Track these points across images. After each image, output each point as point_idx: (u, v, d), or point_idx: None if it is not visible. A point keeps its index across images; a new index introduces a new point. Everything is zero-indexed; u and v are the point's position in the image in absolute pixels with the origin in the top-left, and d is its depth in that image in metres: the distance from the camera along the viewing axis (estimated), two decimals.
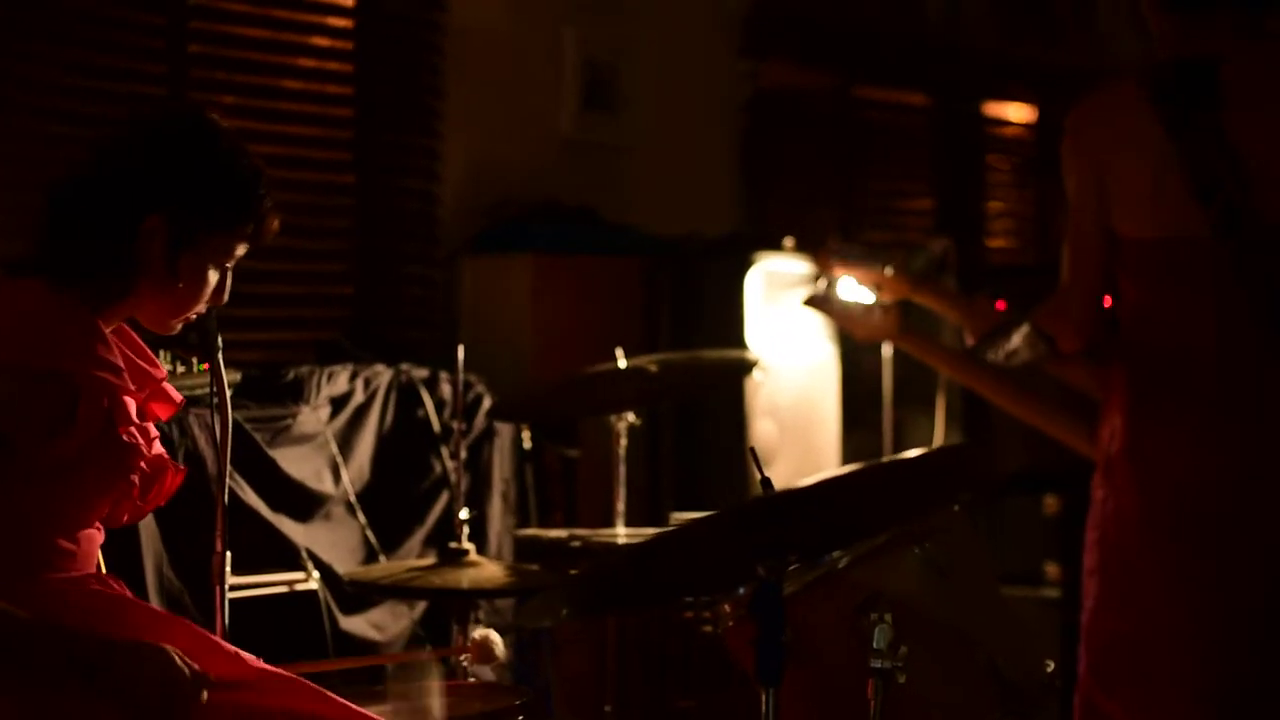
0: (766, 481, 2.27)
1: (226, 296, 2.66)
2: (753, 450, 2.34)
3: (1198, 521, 3.28)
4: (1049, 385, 3.82)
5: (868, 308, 4.22)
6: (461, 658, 3.20)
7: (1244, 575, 3.26)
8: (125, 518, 2.65)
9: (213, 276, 2.61)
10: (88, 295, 2.53)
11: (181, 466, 2.68)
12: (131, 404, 2.54)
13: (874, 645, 2.56)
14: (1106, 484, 3.41)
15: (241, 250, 2.64)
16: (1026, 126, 8.25)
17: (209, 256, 2.59)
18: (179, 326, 2.66)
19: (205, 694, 2.37)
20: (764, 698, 2.31)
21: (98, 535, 2.61)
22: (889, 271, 4.22)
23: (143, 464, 2.56)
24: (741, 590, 2.82)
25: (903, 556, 2.84)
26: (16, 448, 2.41)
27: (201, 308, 2.64)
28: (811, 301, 4.38)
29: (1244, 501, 3.27)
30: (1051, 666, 2.98)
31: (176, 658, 2.35)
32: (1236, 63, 3.33)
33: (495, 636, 3.09)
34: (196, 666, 2.37)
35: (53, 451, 2.43)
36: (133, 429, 2.54)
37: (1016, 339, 3.52)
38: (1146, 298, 3.38)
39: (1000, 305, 5.36)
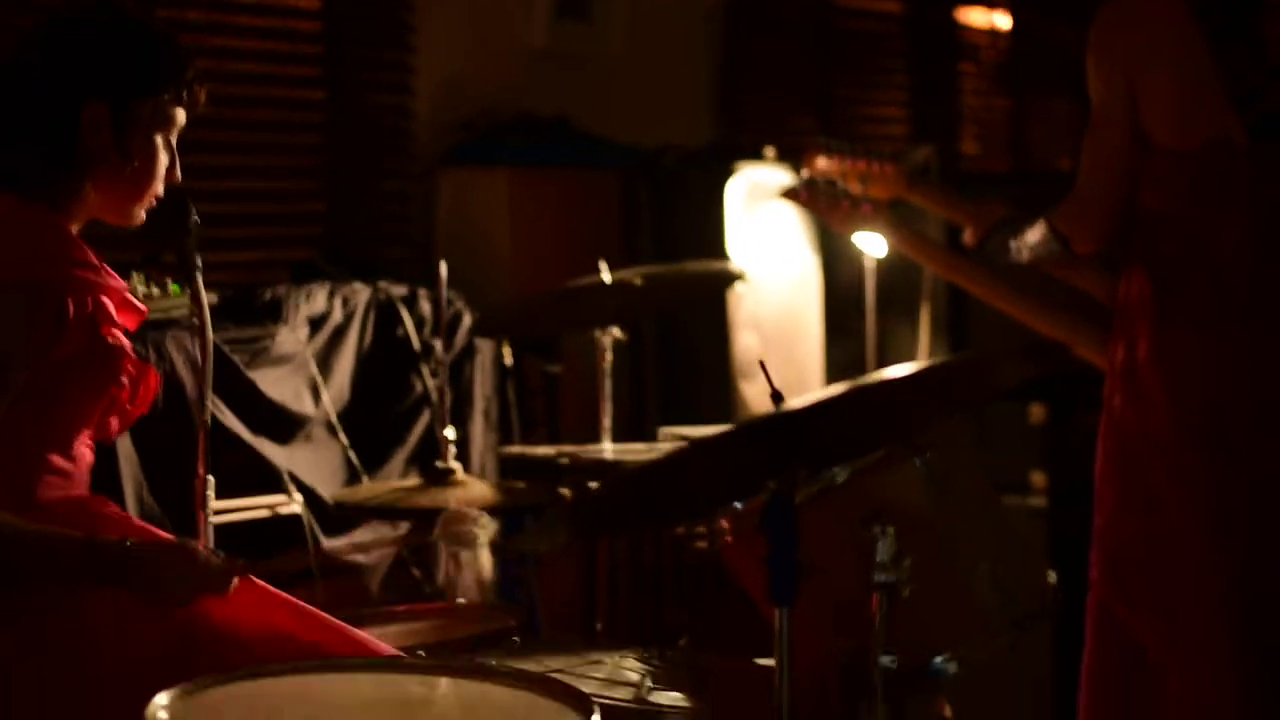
0: (778, 395, 2.21)
1: (179, 175, 2.65)
2: (762, 363, 2.28)
3: (1226, 436, 3.23)
4: (1043, 286, 3.75)
5: (854, 198, 4.02)
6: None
7: (1272, 489, 3.22)
8: (114, 427, 2.60)
9: (162, 151, 2.61)
10: (50, 200, 2.53)
11: (151, 367, 2.64)
12: (110, 305, 2.49)
13: (877, 559, 2.51)
14: (1125, 390, 3.34)
15: (181, 117, 2.63)
16: (999, 34, 8.18)
17: (151, 128, 2.59)
18: (142, 214, 2.63)
19: (236, 580, 2.45)
20: (778, 615, 2.25)
21: (89, 454, 2.58)
22: (888, 167, 4.06)
23: (129, 365, 2.52)
24: (739, 505, 2.77)
25: (903, 469, 2.78)
26: (18, 366, 2.39)
27: (159, 188, 2.63)
28: (791, 194, 4.14)
29: (1273, 417, 3.22)
30: (1053, 578, 2.93)
31: (201, 552, 2.44)
32: None
33: (485, 557, 3.05)
34: (223, 558, 2.45)
35: (47, 363, 2.42)
36: (115, 330, 2.50)
37: (1031, 235, 3.45)
38: (1177, 206, 3.31)
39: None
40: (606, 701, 2.34)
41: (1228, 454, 3.22)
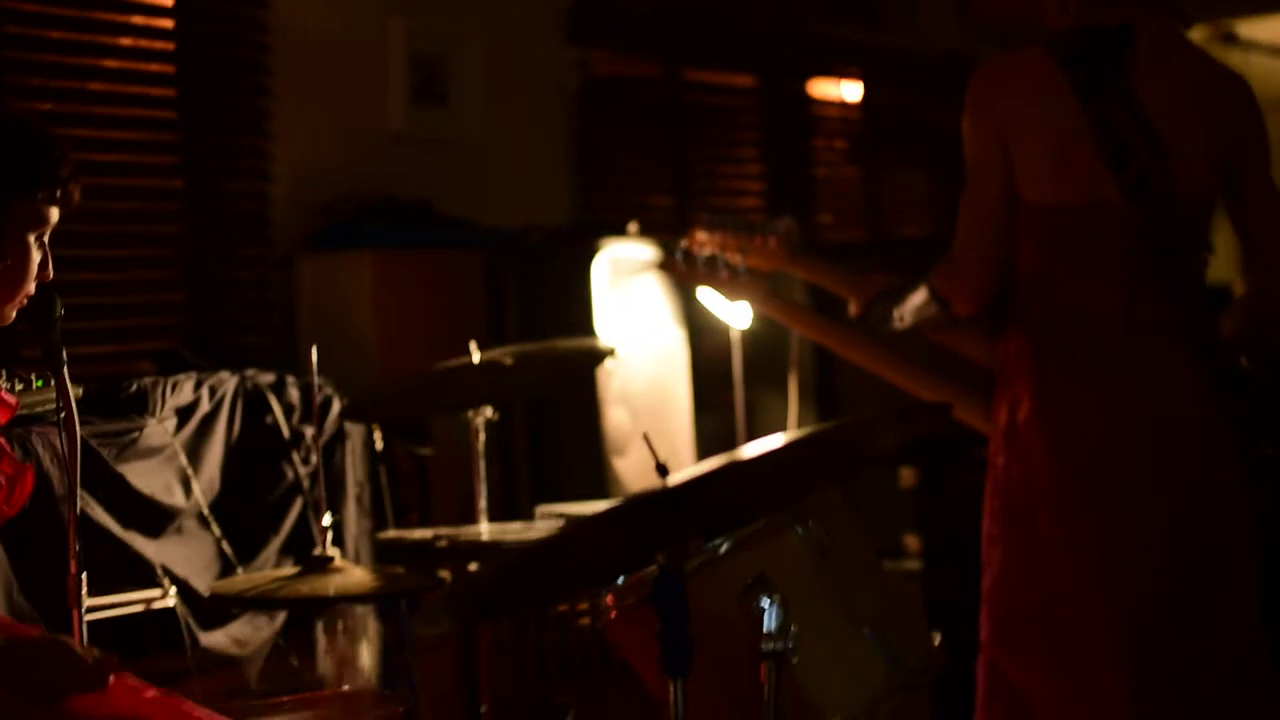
0: (663, 468, 2.21)
1: (51, 272, 2.62)
2: (646, 436, 2.28)
3: (1110, 488, 3.28)
4: (916, 352, 3.79)
5: (732, 268, 4.04)
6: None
7: (1156, 544, 3.27)
8: None
9: (35, 249, 2.58)
10: None
11: (30, 465, 2.58)
12: None
13: (765, 628, 2.51)
14: (1009, 450, 3.38)
15: (54, 216, 2.61)
16: (852, 105, 8.29)
17: (25, 227, 2.56)
18: (13, 313, 2.60)
19: (110, 677, 2.41)
20: (672, 687, 2.25)
21: None
22: (771, 240, 4.07)
23: (5, 465, 2.47)
24: (620, 580, 2.76)
25: (784, 537, 2.79)
26: None
27: (31, 287, 2.59)
28: (667, 265, 4.16)
29: (1155, 468, 3.27)
30: (938, 639, 2.95)
31: (77, 646, 2.40)
32: (1144, 33, 3.34)
33: (365, 647, 3.02)
34: (97, 653, 2.40)
35: None
36: None
37: (913, 299, 3.49)
38: (1051, 264, 3.36)
39: None
40: None
41: (1112, 506, 3.27)
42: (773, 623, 2.51)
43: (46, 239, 2.60)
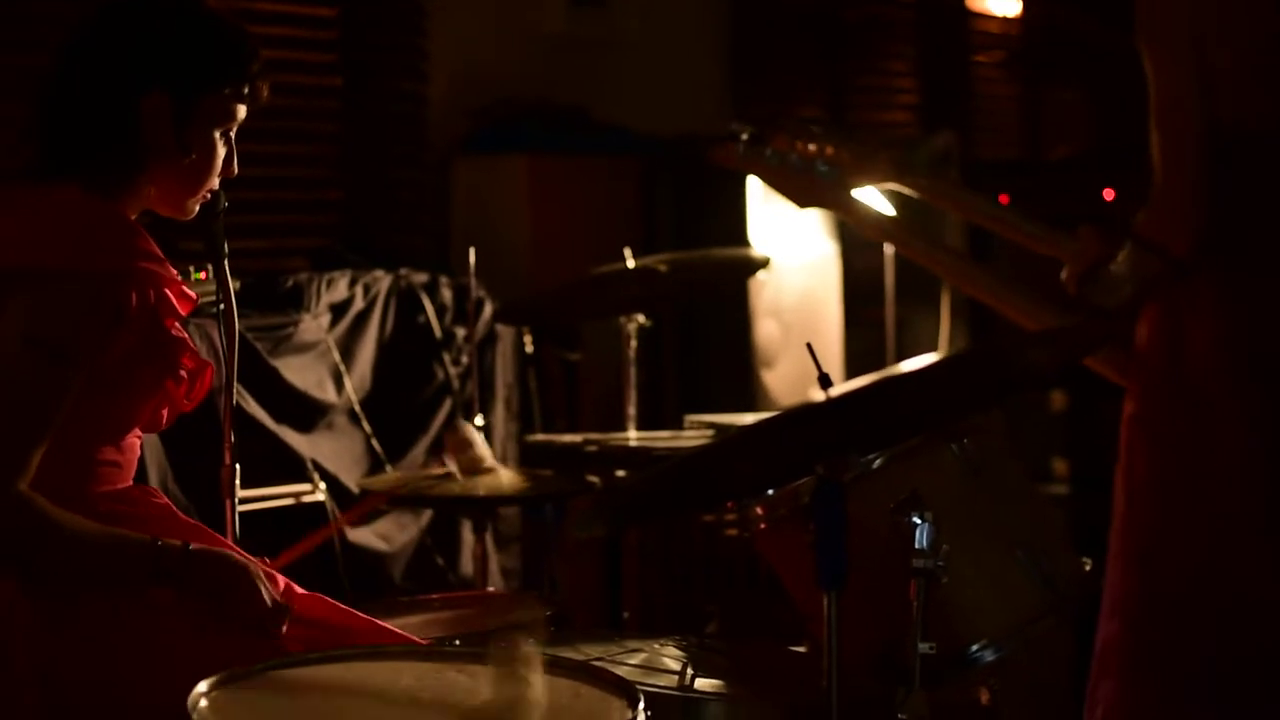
0: (825, 378, 2.19)
1: (236, 168, 2.61)
2: (809, 346, 2.25)
3: None
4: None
5: (806, 165, 3.27)
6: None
7: None
8: (165, 420, 2.56)
9: (220, 145, 2.56)
10: (109, 191, 2.47)
11: (210, 363, 2.59)
12: (172, 296, 2.45)
13: (916, 545, 2.48)
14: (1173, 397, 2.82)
15: (241, 113, 2.57)
16: (1012, 20, 8.15)
17: (212, 122, 2.53)
18: (196, 208, 2.59)
19: (284, 627, 2.38)
20: (826, 600, 2.24)
21: (138, 446, 2.54)
22: (881, 155, 3.37)
23: (187, 359, 2.47)
24: (771, 492, 2.75)
25: (939, 455, 2.76)
26: (79, 359, 2.33)
27: (215, 182, 2.58)
28: (723, 154, 3.34)
29: None
30: (1089, 564, 2.91)
31: (262, 581, 2.38)
32: None
33: (473, 432, 3.05)
34: (278, 596, 2.40)
35: (107, 355, 2.36)
36: (177, 323, 2.46)
37: (1123, 262, 3.07)
38: (1253, 191, 2.86)
39: (1004, 199, 5.29)
40: (651, 689, 2.32)
41: None
42: (924, 540, 2.48)
43: (233, 135, 2.59)
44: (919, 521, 2.48)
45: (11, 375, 2.32)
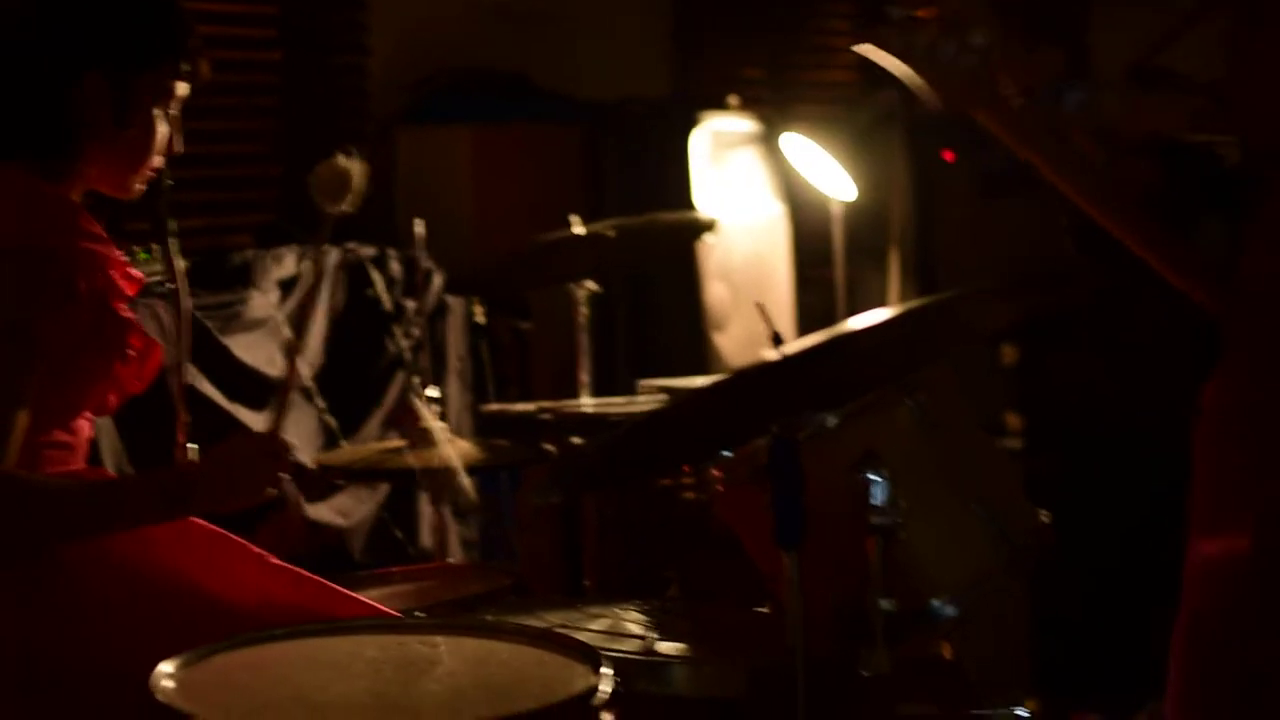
0: (778, 337, 2.19)
1: (181, 145, 2.59)
2: (760, 306, 2.26)
3: None
4: None
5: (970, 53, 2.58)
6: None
7: None
8: (113, 402, 2.54)
9: (160, 123, 2.54)
10: (50, 172, 2.45)
11: (158, 342, 2.57)
12: (117, 278, 2.43)
13: (873, 502, 2.49)
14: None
15: (182, 90, 2.56)
16: None
17: (151, 100, 2.51)
18: (140, 187, 2.57)
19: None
20: (787, 559, 2.24)
21: (88, 428, 2.52)
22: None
23: (135, 339, 2.46)
24: (728, 453, 2.75)
25: (894, 411, 2.77)
26: (36, 337, 2.31)
27: (158, 160, 2.56)
28: (882, 40, 2.65)
29: None
30: (1047, 517, 2.92)
31: (253, 444, 2.44)
32: None
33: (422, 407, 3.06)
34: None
35: (58, 336, 2.34)
36: (123, 304, 2.44)
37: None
38: None
39: (948, 155, 5.30)
40: (615, 654, 2.32)
41: None
42: (881, 497, 2.49)
43: (176, 113, 2.57)
44: (876, 479, 2.49)
45: None
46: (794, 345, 2.21)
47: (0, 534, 2.29)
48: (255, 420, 4.02)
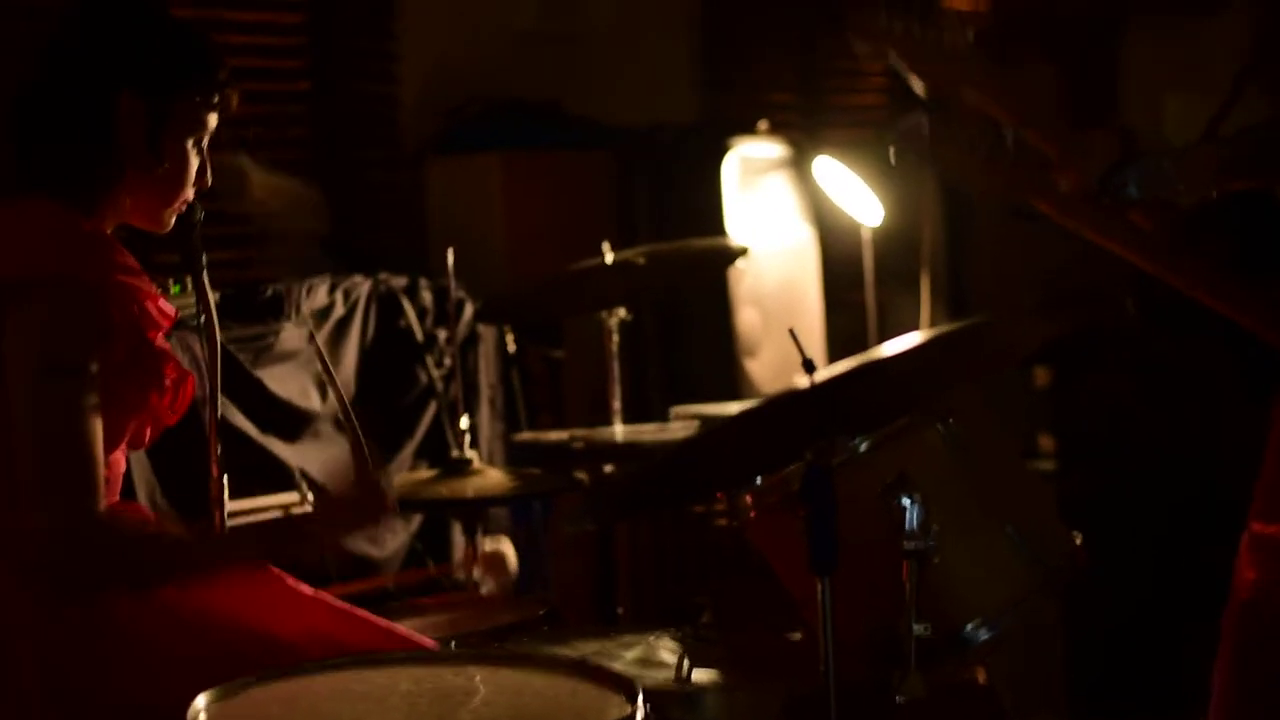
0: (809, 363, 2.18)
1: (210, 179, 2.60)
2: (792, 332, 2.25)
3: None
4: None
5: (993, 141, 2.77)
6: (474, 572, 3.13)
7: None
8: (148, 435, 2.55)
9: (193, 155, 2.56)
10: (84, 205, 2.47)
11: (191, 373, 2.58)
12: (152, 309, 2.44)
13: (906, 527, 2.49)
14: None
15: (212, 121, 2.58)
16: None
17: (184, 130, 2.53)
18: (171, 220, 2.58)
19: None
20: (820, 585, 2.24)
21: (123, 461, 2.53)
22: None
23: (170, 370, 2.47)
24: (759, 480, 2.74)
25: (925, 435, 2.76)
26: (90, 369, 2.32)
27: (189, 193, 2.58)
28: (908, 136, 2.87)
29: None
30: (1079, 539, 2.91)
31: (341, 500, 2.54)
32: None
33: (508, 548, 3.03)
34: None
35: (98, 369, 2.34)
36: (159, 335, 2.45)
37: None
38: None
39: None
40: (649, 684, 2.32)
41: None
42: (914, 521, 2.48)
43: (205, 145, 2.59)
44: (908, 503, 2.48)
45: (38, 408, 2.30)
46: (826, 372, 2.21)
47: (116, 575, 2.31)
48: (287, 452, 4.02)
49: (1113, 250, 2.75)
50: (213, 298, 2.74)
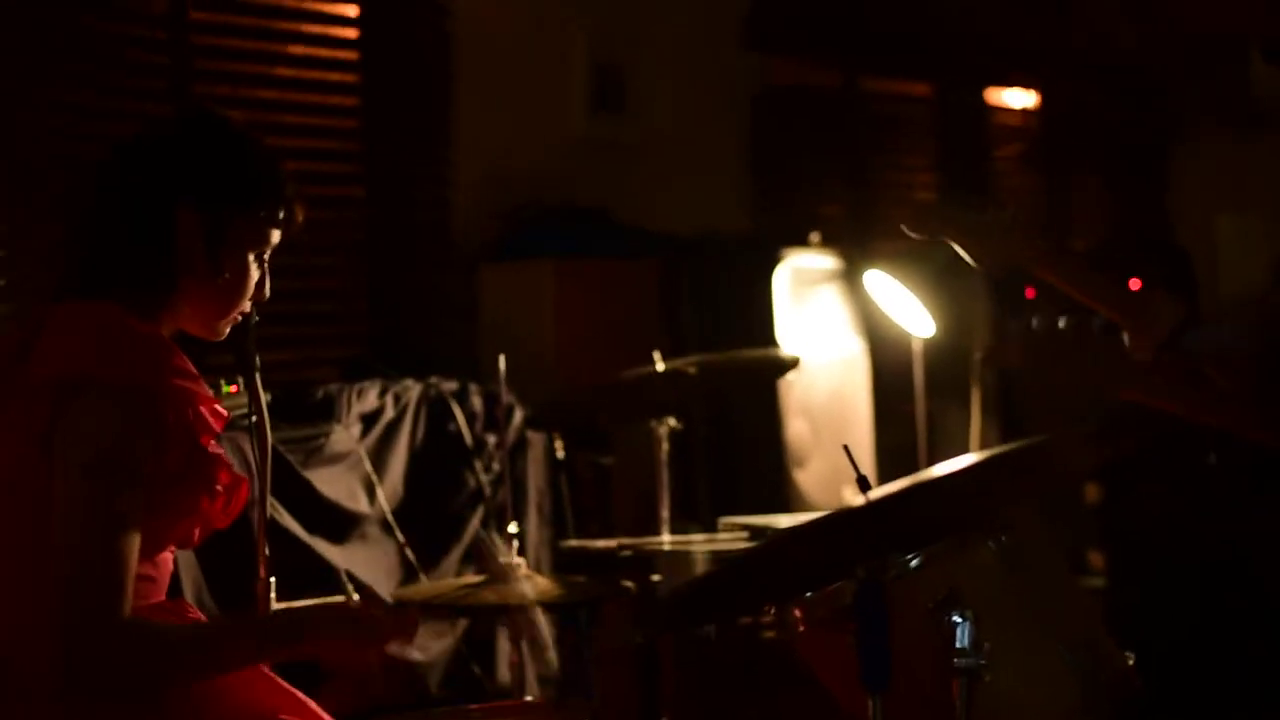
0: (864, 480, 2.18)
1: (269, 291, 2.63)
2: (846, 448, 2.25)
3: None
4: None
5: (1001, 219, 3.01)
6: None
7: None
8: (197, 536, 2.55)
9: (253, 267, 2.58)
10: (144, 309, 2.49)
11: (245, 478, 2.58)
12: (207, 414, 2.45)
13: (957, 644, 2.47)
14: None
15: (275, 237, 2.61)
16: (1031, 111, 8.18)
17: (246, 245, 2.56)
18: (226, 329, 2.61)
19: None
20: (871, 703, 2.22)
21: (171, 559, 2.53)
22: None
23: (224, 475, 2.47)
24: (809, 594, 2.73)
25: (977, 552, 2.74)
26: (139, 473, 2.33)
27: (246, 305, 2.60)
28: (926, 222, 3.07)
29: None
30: (1132, 659, 2.88)
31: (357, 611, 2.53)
32: None
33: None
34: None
35: (150, 471, 2.35)
36: (212, 440, 2.45)
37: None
38: None
39: (1030, 292, 5.29)
40: None
41: None
42: (965, 639, 2.46)
43: (266, 258, 2.60)
44: (959, 620, 2.46)
45: (78, 506, 2.30)
46: (880, 491, 2.20)
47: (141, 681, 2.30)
48: (334, 553, 4.03)
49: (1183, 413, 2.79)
50: (264, 399, 2.76)
